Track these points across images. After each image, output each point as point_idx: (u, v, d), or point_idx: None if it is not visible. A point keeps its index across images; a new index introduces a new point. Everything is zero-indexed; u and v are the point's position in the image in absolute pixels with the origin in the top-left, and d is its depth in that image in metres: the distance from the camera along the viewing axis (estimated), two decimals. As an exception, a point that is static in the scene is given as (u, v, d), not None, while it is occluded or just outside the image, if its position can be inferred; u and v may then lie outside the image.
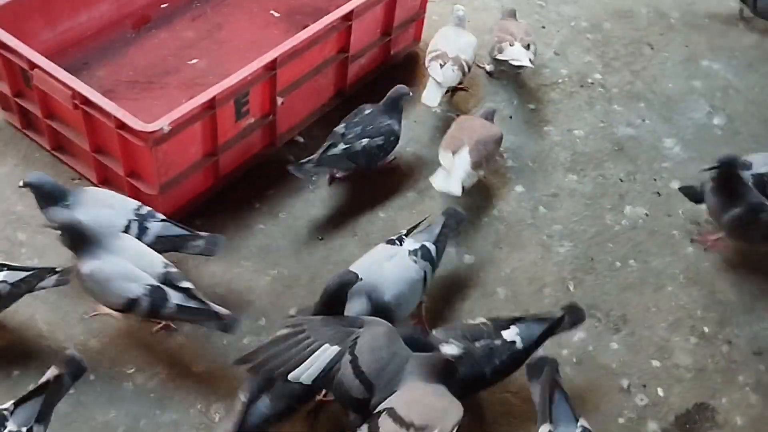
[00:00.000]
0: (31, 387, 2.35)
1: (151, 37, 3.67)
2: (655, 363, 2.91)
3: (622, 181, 3.56)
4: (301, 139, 3.51)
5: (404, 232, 2.86)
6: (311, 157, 3.16)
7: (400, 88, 3.34)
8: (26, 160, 3.28)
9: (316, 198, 3.30)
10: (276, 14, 3.87)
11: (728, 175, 3.07)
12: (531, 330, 2.58)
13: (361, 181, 3.38)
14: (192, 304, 2.55)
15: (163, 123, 2.79)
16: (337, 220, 3.23)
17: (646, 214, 3.42)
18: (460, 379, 2.38)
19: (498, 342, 2.52)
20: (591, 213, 3.40)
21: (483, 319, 2.61)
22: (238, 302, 2.90)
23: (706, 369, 2.92)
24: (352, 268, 2.61)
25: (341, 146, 3.17)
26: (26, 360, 2.67)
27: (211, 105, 2.94)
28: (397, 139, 3.35)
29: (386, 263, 2.68)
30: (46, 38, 3.36)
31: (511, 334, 2.55)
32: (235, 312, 2.84)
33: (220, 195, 3.23)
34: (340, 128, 3.26)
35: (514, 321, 2.60)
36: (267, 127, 3.32)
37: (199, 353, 2.74)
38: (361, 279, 2.50)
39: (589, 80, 4.02)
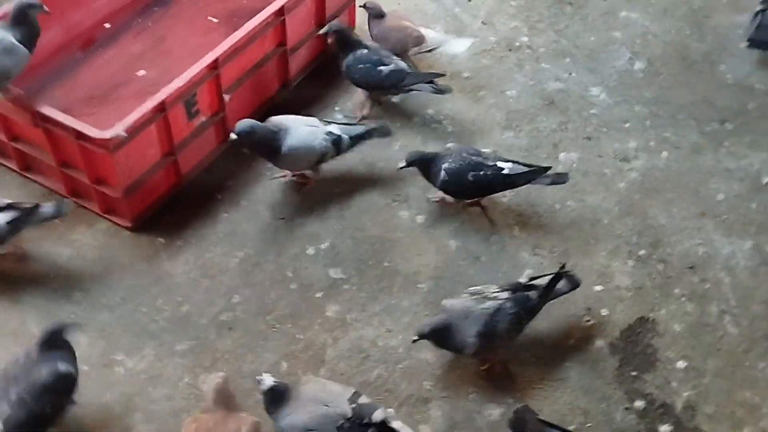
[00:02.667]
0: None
1: (100, 56, 3.89)
2: (598, 288, 3.19)
3: (554, 131, 3.83)
4: (254, 132, 3.75)
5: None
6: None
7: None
8: (-2, 183, 3.50)
9: (274, 183, 3.54)
10: (215, 20, 4.11)
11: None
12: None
13: (314, 162, 3.63)
14: (15, 215, 2.99)
15: (118, 129, 3.02)
16: (295, 201, 3.47)
17: (579, 158, 3.70)
18: None
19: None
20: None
21: None
22: (212, 284, 3.14)
23: (644, 287, 3.20)
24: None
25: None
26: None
27: (161, 108, 3.17)
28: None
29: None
30: None
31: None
32: (209, 292, 3.11)
33: (184, 191, 3.47)
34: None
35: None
36: (219, 124, 3.55)
37: (180, 332, 2.98)
38: None
39: (517, 44, 4.29)
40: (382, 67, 3.65)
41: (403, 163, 3.34)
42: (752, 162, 3.69)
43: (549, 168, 3.33)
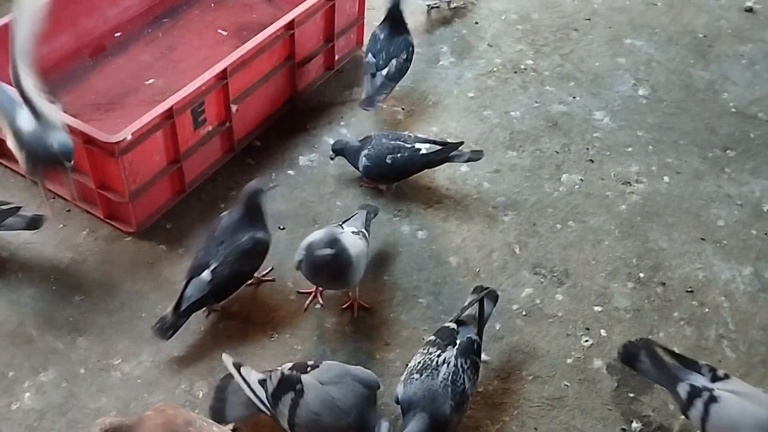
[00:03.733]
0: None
1: (109, 64, 3.94)
2: (597, 308, 3.19)
3: (557, 153, 3.86)
4: (259, 143, 3.77)
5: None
6: (368, 92, 3.78)
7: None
8: (1, 185, 3.51)
9: (276, 194, 3.55)
10: (224, 33, 4.16)
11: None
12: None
13: (317, 175, 3.65)
14: None
15: (126, 133, 3.04)
16: (297, 212, 3.49)
17: (581, 180, 3.72)
18: None
19: None
20: (531, 184, 3.70)
21: None
22: (212, 292, 3.15)
23: (643, 309, 3.20)
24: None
25: (381, 73, 3.77)
26: (20, 362, 2.90)
27: (169, 115, 3.20)
28: (413, 47, 3.95)
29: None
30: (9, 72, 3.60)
31: None
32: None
33: (188, 199, 3.48)
34: (370, 59, 3.82)
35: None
36: (225, 134, 3.58)
37: (178, 339, 2.97)
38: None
39: (522, 66, 4.34)
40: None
41: (331, 153, 3.55)
42: (753, 189, 3.71)
43: (461, 143, 3.53)
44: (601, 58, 4.43)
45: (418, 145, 3.45)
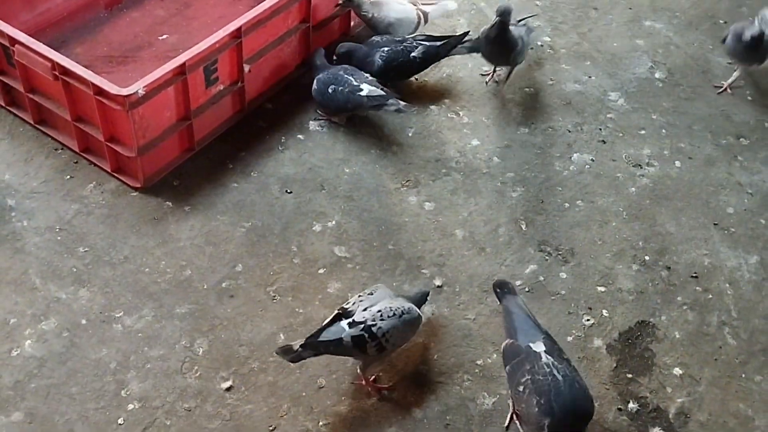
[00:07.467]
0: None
1: (124, 16, 3.90)
2: (600, 288, 3.18)
3: (569, 131, 3.83)
4: (270, 106, 3.75)
5: None
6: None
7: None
8: (11, 134, 3.50)
9: (285, 158, 3.54)
10: (241, -9, 4.12)
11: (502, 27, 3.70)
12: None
13: (327, 141, 3.63)
14: None
15: (137, 87, 3.02)
16: (305, 177, 3.47)
17: (592, 160, 3.70)
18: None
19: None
20: (541, 161, 3.67)
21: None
22: (216, 251, 3.14)
23: (646, 291, 3.20)
24: None
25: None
26: (23, 309, 2.90)
27: (181, 71, 3.17)
28: None
29: None
30: (25, 19, 3.58)
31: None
32: (212, 259, 3.11)
33: (196, 157, 3.47)
34: None
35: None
36: (236, 94, 3.55)
37: (181, 296, 2.98)
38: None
39: (539, 43, 4.29)
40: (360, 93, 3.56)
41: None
42: (764, 178, 3.68)
43: (467, 33, 3.92)
44: (619, 39, 4.38)
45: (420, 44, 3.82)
